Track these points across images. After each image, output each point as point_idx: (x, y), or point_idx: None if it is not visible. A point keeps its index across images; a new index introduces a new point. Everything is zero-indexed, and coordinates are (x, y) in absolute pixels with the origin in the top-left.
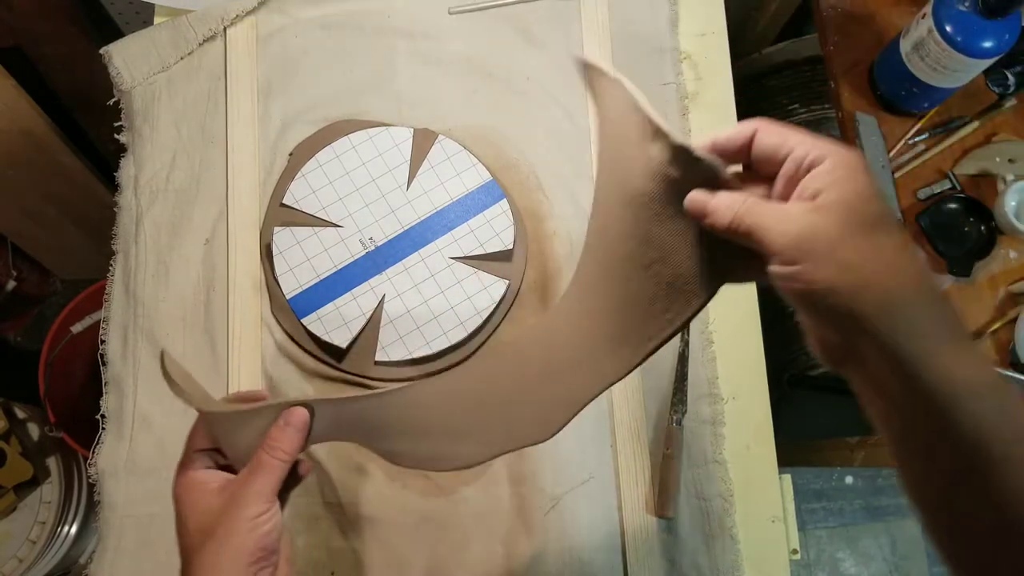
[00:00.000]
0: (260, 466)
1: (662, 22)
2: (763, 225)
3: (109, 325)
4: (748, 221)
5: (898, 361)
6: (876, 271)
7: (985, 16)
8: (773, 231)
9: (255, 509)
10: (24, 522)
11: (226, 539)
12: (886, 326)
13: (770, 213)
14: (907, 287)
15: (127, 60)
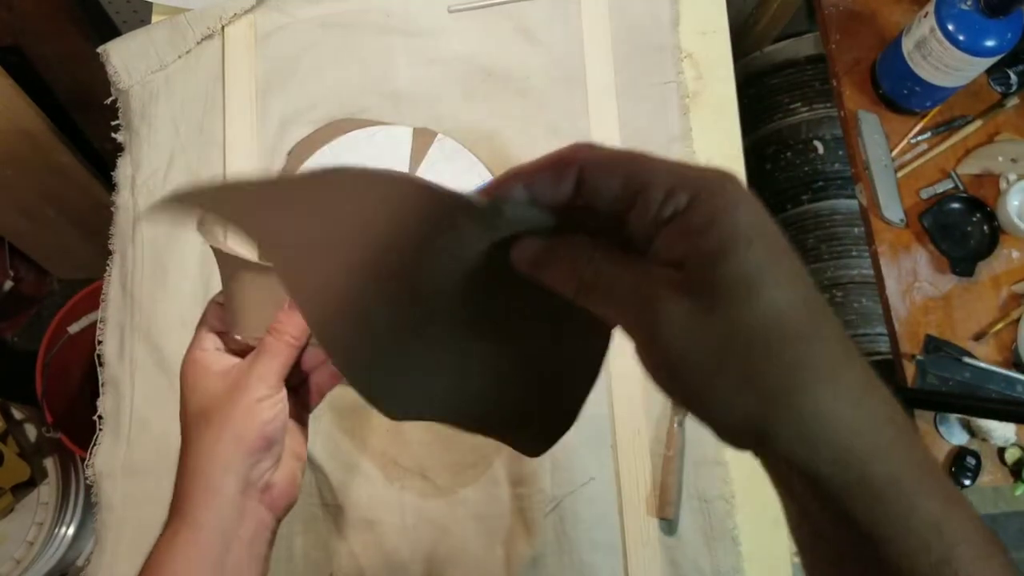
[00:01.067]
0: (265, 349)
1: (663, 20)
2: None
3: (106, 325)
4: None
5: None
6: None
7: (987, 15)
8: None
9: (256, 393)
10: (21, 523)
11: (224, 424)
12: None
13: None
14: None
15: (125, 59)
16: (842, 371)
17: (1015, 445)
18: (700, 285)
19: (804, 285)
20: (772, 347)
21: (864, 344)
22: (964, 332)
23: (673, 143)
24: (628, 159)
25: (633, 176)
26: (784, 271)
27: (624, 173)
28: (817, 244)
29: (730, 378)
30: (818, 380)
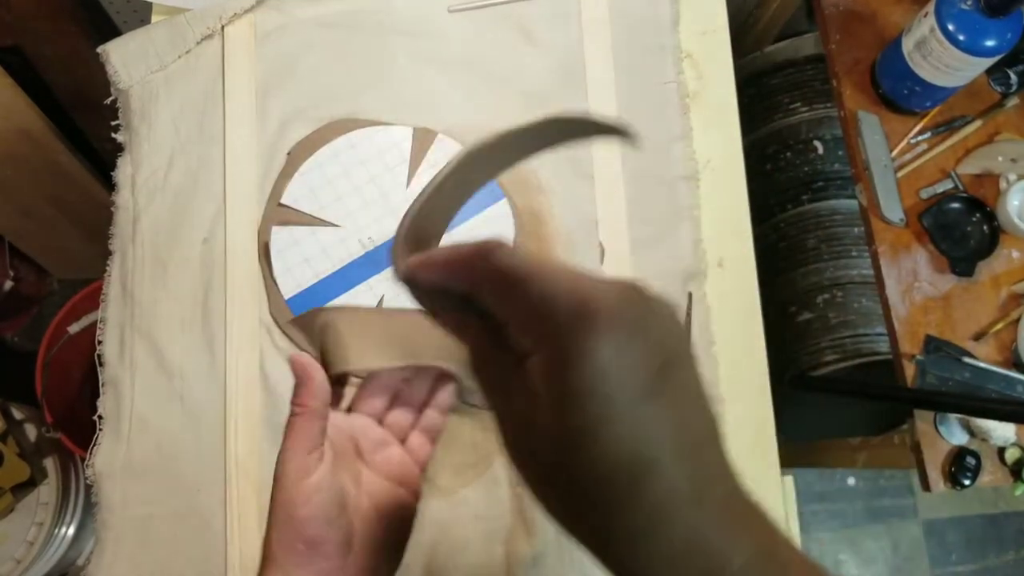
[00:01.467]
0: (287, 428)
1: (663, 20)
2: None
3: (106, 325)
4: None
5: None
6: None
7: (987, 15)
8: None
9: (288, 467)
10: (21, 523)
11: (273, 509)
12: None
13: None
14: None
15: (125, 59)
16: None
17: (1015, 445)
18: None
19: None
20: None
21: (864, 344)
22: (964, 332)
23: (673, 143)
24: (506, 284)
25: (500, 305)
26: (631, 423)
27: (497, 299)
28: (817, 244)
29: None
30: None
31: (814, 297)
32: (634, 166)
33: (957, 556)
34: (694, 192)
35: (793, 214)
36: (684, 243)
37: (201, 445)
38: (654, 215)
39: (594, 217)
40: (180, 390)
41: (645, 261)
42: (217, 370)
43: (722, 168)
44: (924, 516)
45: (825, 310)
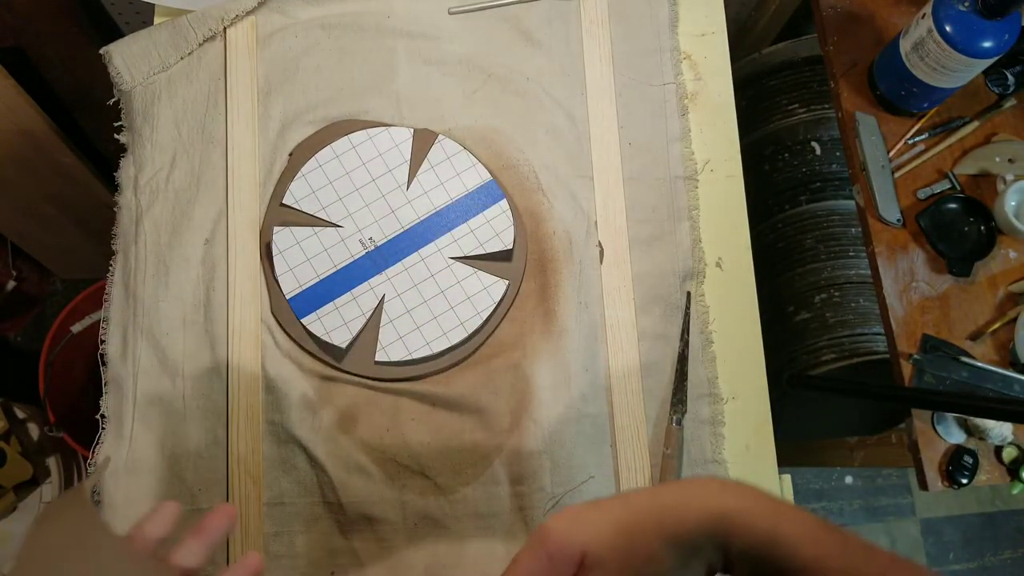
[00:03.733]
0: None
1: (662, 22)
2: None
3: (109, 325)
4: None
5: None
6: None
7: (985, 16)
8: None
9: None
10: (24, 522)
11: None
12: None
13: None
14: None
15: (127, 60)
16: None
17: (1012, 444)
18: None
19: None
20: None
21: (861, 344)
22: (961, 332)
23: (672, 144)
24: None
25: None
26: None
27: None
28: (815, 244)
29: None
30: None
31: (812, 297)
32: (633, 167)
33: (954, 555)
34: (692, 193)
35: (791, 214)
36: (683, 243)
37: (203, 445)
38: (653, 215)
39: (593, 217)
40: (182, 389)
41: (644, 261)
42: (219, 369)
43: (720, 169)
44: (921, 515)
45: (823, 310)
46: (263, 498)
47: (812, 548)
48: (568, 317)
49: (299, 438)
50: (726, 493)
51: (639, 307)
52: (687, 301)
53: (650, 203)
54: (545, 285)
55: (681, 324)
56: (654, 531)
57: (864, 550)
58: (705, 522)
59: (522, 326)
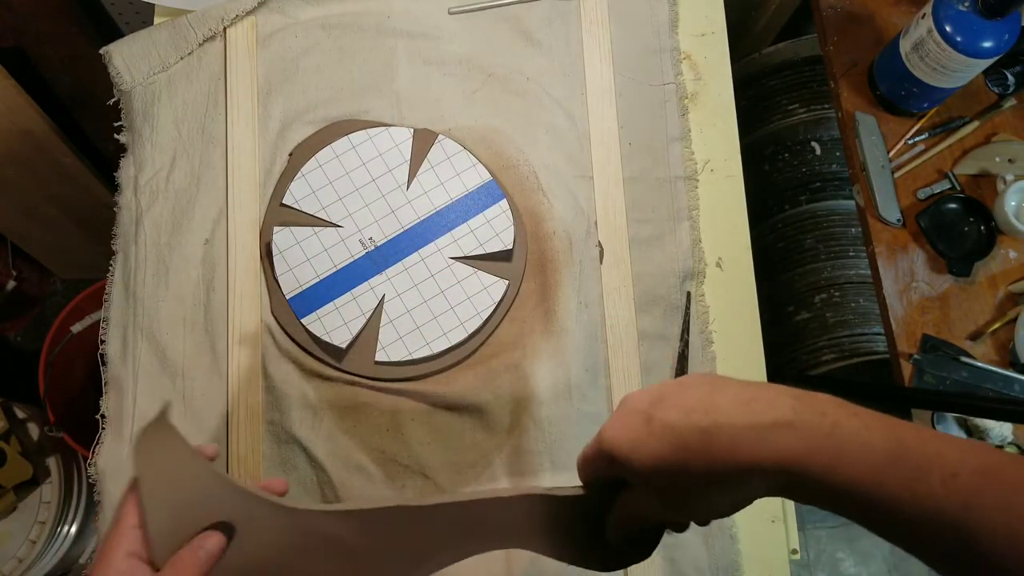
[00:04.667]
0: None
1: (662, 22)
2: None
3: (109, 325)
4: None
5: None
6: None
7: (985, 16)
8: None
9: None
10: (24, 522)
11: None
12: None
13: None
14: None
15: (127, 60)
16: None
17: (1012, 444)
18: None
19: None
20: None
21: (861, 344)
22: (961, 332)
23: (672, 144)
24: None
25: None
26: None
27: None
28: (815, 244)
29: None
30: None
31: (812, 297)
32: (633, 167)
33: None
34: (692, 193)
35: (791, 214)
36: (683, 243)
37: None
38: (653, 215)
39: (593, 217)
40: (182, 389)
41: (644, 261)
42: (219, 369)
43: (720, 169)
44: None
45: (823, 310)
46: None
47: (872, 485)
48: (568, 317)
49: (299, 438)
50: (779, 436)
51: (639, 307)
52: (687, 301)
53: (650, 203)
54: (545, 285)
55: (681, 324)
56: (703, 474)
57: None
58: (757, 470)
59: (522, 326)
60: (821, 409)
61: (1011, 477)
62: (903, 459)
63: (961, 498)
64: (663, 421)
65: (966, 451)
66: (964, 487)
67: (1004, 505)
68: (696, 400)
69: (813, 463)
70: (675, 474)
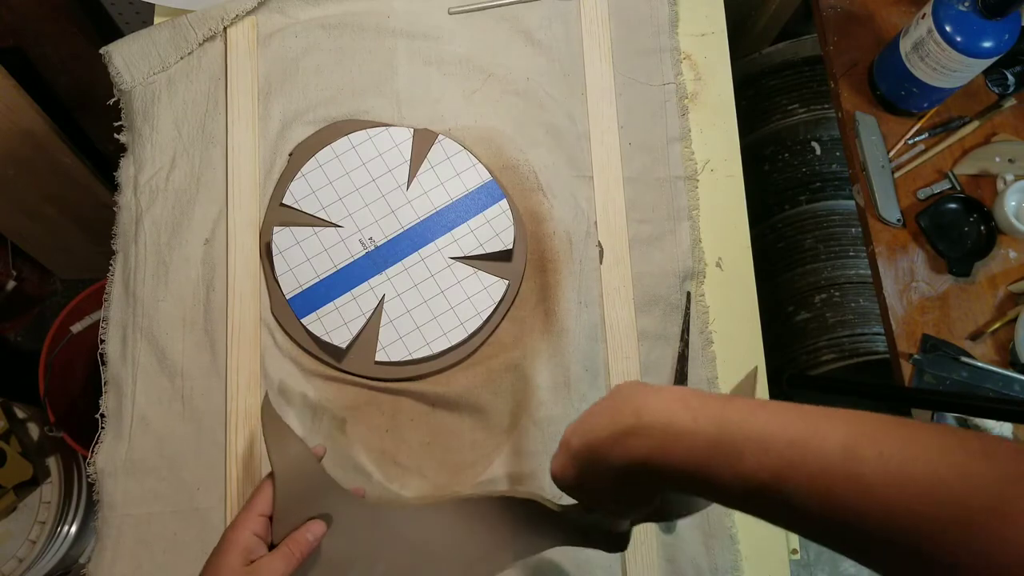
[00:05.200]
0: (283, 556)
1: (662, 22)
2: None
3: (108, 325)
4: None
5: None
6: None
7: (985, 16)
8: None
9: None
10: (24, 522)
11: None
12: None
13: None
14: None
15: (127, 60)
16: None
17: None
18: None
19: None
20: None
21: (861, 344)
22: (961, 332)
23: (672, 144)
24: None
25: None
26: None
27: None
28: (815, 244)
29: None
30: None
31: (812, 297)
32: (633, 167)
33: None
34: (692, 192)
35: (791, 214)
36: (682, 243)
37: (202, 444)
38: (653, 215)
39: (593, 217)
40: (181, 389)
41: (644, 261)
42: (218, 369)
43: (720, 169)
44: None
45: (823, 310)
46: None
47: (699, 471)
48: (568, 317)
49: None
50: (628, 441)
51: (639, 307)
52: (687, 301)
53: (650, 203)
54: (545, 285)
55: (681, 324)
56: (590, 482)
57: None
58: (629, 465)
59: (522, 326)
60: (666, 408)
61: (811, 443)
62: (722, 443)
63: (772, 471)
64: (569, 447)
65: (783, 426)
66: (774, 462)
67: (808, 473)
68: (589, 423)
69: (658, 460)
70: (584, 486)
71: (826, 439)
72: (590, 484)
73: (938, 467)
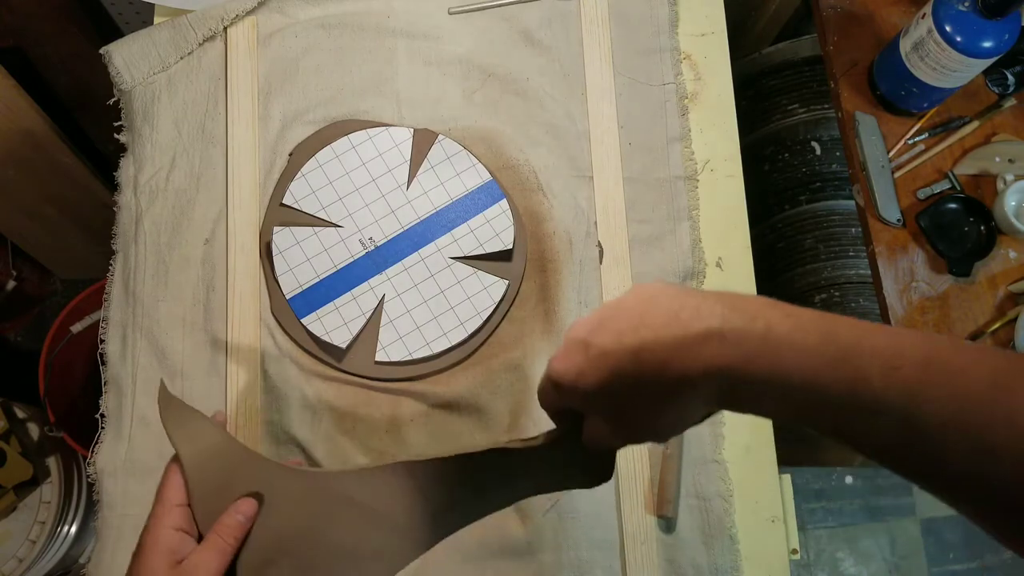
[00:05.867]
0: (212, 546)
1: (662, 22)
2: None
3: (108, 325)
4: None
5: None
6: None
7: (985, 16)
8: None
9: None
10: (24, 522)
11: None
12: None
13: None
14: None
15: (127, 60)
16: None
17: None
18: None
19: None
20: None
21: None
22: (961, 332)
23: (672, 144)
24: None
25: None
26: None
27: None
28: (815, 244)
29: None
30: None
31: (812, 297)
32: (633, 167)
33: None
34: (692, 193)
35: (791, 214)
36: (683, 243)
37: None
38: (653, 215)
39: (593, 217)
40: (181, 389)
41: (644, 261)
42: (218, 369)
43: (720, 169)
44: (922, 514)
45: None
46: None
47: (812, 388)
48: (568, 317)
49: (298, 438)
50: (708, 347)
51: None
52: None
53: (650, 203)
54: (545, 285)
55: None
56: (639, 394)
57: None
58: (688, 384)
59: (522, 326)
60: (752, 313)
61: (955, 364)
62: (841, 358)
63: (904, 390)
64: (599, 348)
65: (906, 342)
66: (907, 379)
67: (950, 393)
68: (627, 322)
69: (748, 371)
70: (614, 397)
71: (969, 367)
72: (625, 394)
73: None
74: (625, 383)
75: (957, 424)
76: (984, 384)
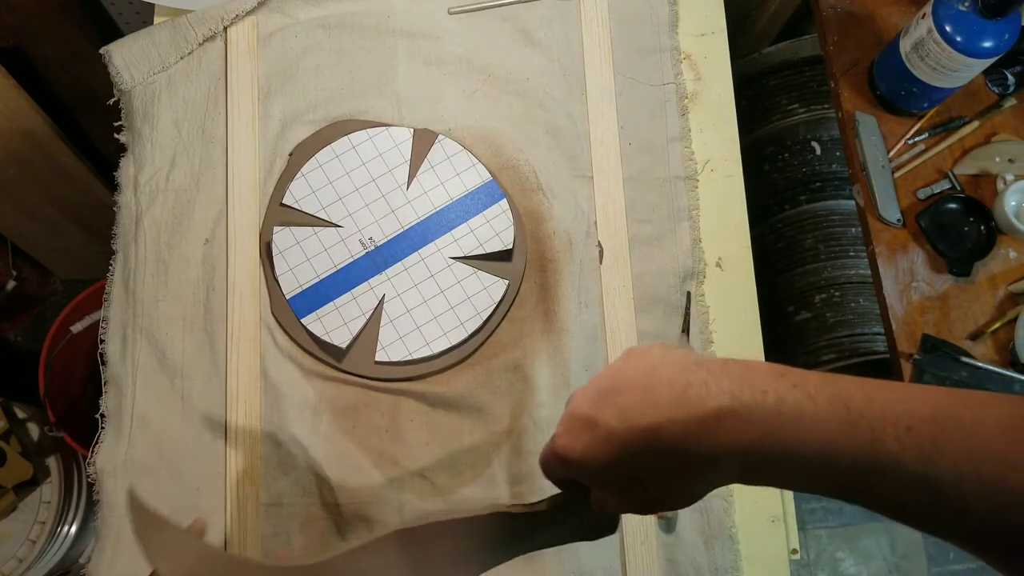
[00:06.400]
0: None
1: (662, 22)
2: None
3: (108, 325)
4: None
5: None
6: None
7: (985, 16)
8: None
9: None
10: (24, 522)
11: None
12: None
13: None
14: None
15: (127, 60)
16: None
17: None
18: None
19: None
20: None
21: (861, 344)
22: (961, 332)
23: (672, 144)
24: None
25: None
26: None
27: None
28: (815, 244)
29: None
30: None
31: (812, 297)
32: (633, 167)
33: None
34: (692, 193)
35: (791, 214)
36: (683, 243)
37: (201, 444)
38: (653, 215)
39: (593, 217)
40: (181, 389)
41: (644, 260)
42: (218, 369)
43: (720, 169)
44: None
45: (823, 310)
46: (261, 498)
47: (830, 458)
48: (568, 317)
49: (298, 438)
50: (725, 427)
51: (639, 307)
52: (687, 301)
53: (650, 203)
54: (545, 285)
55: (681, 324)
56: (655, 474)
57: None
58: (726, 455)
59: (522, 326)
60: (761, 386)
61: (965, 418)
62: (855, 424)
63: (920, 451)
64: (605, 427)
65: (914, 401)
66: (920, 438)
67: (963, 448)
68: (631, 397)
69: (765, 446)
70: (624, 475)
71: (979, 419)
72: (636, 472)
73: None
74: (636, 463)
75: (974, 478)
76: (995, 434)
